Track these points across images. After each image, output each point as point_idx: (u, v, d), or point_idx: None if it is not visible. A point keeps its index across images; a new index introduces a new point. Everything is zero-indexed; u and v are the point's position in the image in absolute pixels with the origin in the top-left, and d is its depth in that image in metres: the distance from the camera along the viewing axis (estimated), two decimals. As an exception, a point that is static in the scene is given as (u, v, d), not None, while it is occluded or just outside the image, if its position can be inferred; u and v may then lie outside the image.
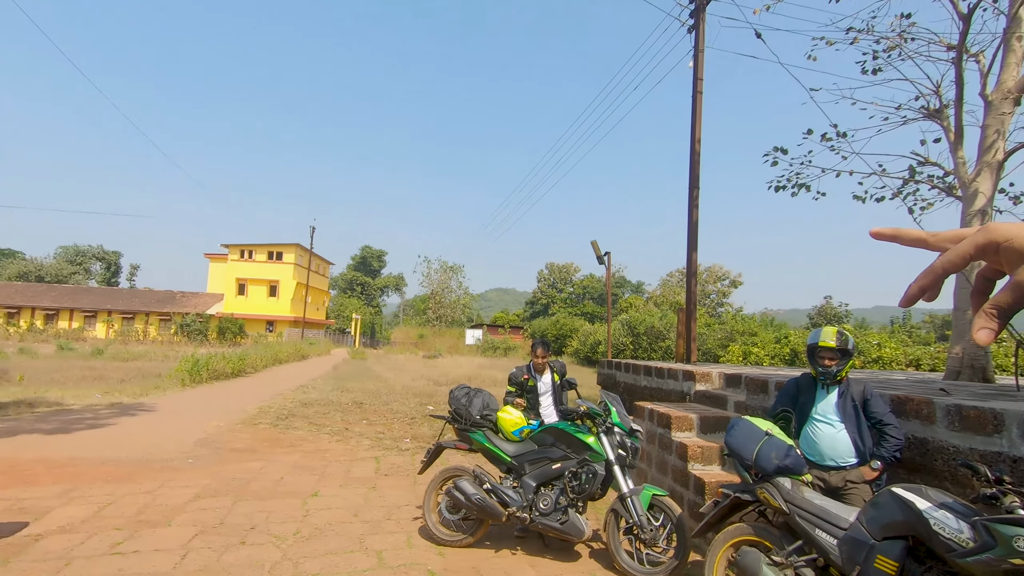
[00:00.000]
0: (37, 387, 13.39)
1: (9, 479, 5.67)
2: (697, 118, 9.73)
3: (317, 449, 7.73)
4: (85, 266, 67.37)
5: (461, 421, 4.58)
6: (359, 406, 11.92)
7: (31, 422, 8.94)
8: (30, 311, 44.86)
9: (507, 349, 42.65)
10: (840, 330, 3.52)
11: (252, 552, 4.11)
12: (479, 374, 20.43)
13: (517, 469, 4.40)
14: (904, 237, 0.60)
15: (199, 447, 7.55)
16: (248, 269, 48.13)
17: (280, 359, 25.75)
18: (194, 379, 15.83)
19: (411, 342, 54.08)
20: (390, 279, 76.95)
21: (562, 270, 79.91)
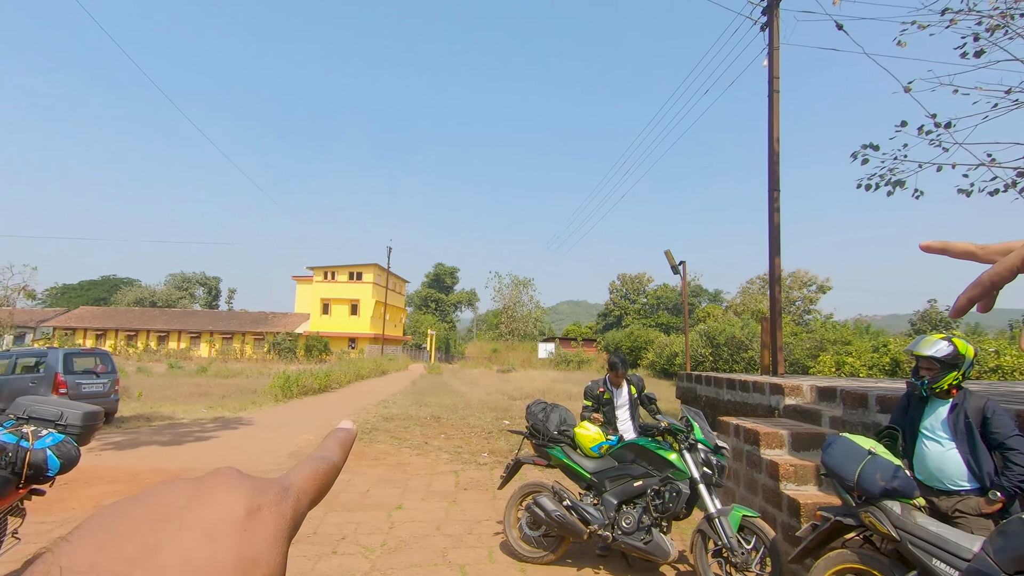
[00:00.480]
0: (153, 403, 14.79)
1: (131, 487, 6.27)
2: (775, 118, 9.30)
3: (399, 462, 7.98)
4: (190, 291, 73.83)
5: (539, 436, 4.57)
6: (437, 420, 12.20)
7: (148, 435, 9.87)
8: (146, 333, 49.67)
9: (580, 362, 42.21)
10: (944, 338, 3.17)
11: (343, 562, 4.30)
12: (553, 388, 20.33)
13: (597, 486, 4.32)
14: (953, 250, 0.59)
15: (291, 459, 8.01)
16: (331, 289, 50.86)
17: (362, 375, 26.89)
18: (286, 395, 16.86)
19: (485, 356, 54.80)
20: (463, 295, 78.57)
21: (635, 281, 78.31)
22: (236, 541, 0.26)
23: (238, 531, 0.26)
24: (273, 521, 0.28)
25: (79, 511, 5.33)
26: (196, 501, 0.27)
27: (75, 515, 5.21)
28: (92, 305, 62.17)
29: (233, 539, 0.26)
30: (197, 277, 75.42)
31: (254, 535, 0.27)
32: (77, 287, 74.02)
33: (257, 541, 0.26)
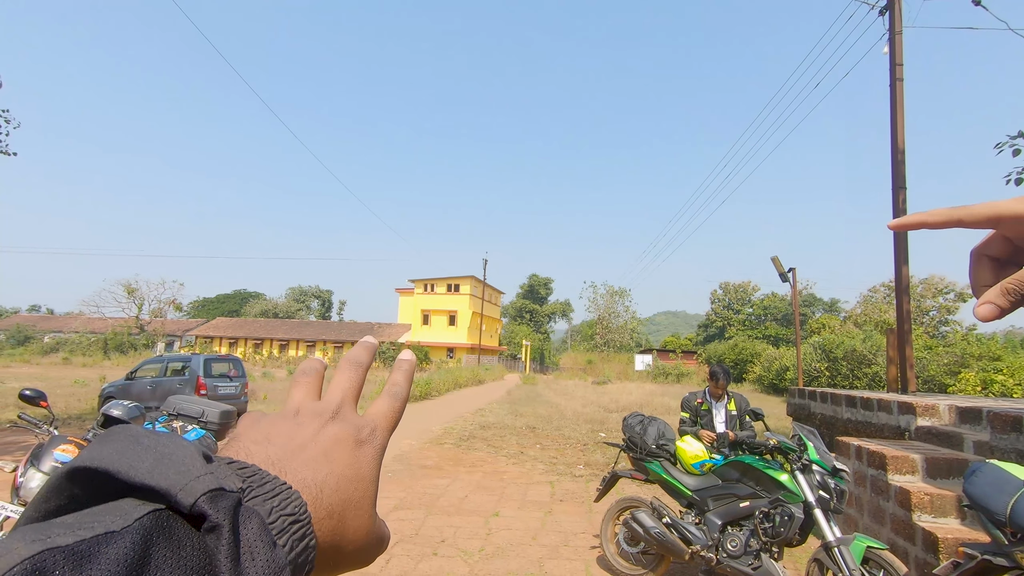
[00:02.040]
0: (276, 405, 16.22)
1: (258, 480, 6.91)
2: (898, 109, 8.44)
3: (495, 470, 8.12)
4: (307, 303, 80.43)
5: (636, 450, 4.46)
6: (532, 430, 12.27)
7: (272, 434, 10.83)
8: (270, 342, 54.73)
9: (680, 375, 40.53)
10: None
11: (443, 564, 4.44)
12: (650, 401, 19.70)
13: (699, 504, 4.13)
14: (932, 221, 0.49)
15: (395, 462, 8.42)
16: (430, 301, 53.10)
17: (460, 383, 27.71)
18: (390, 401, 17.77)
19: (579, 368, 54.30)
20: (557, 306, 78.63)
21: (738, 289, 74.13)
22: (348, 461, 0.36)
23: (350, 455, 0.36)
24: (371, 451, 0.38)
25: (216, 500, 5.97)
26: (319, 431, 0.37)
27: (213, 503, 5.84)
28: (226, 316, 69.61)
29: (346, 459, 0.36)
30: (312, 290, 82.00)
31: (359, 460, 0.37)
32: (214, 300, 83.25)
33: (361, 464, 0.37)
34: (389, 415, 0.41)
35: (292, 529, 0.29)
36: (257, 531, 0.26)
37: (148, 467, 0.26)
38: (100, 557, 0.21)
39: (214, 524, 0.25)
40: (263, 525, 0.27)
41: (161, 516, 0.24)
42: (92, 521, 0.23)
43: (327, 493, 0.33)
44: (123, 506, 0.24)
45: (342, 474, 0.35)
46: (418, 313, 52.92)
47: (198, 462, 0.28)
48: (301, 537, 0.29)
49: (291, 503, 0.30)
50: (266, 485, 0.30)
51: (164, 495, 0.25)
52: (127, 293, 52.40)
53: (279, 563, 0.27)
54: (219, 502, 0.26)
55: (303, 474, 0.33)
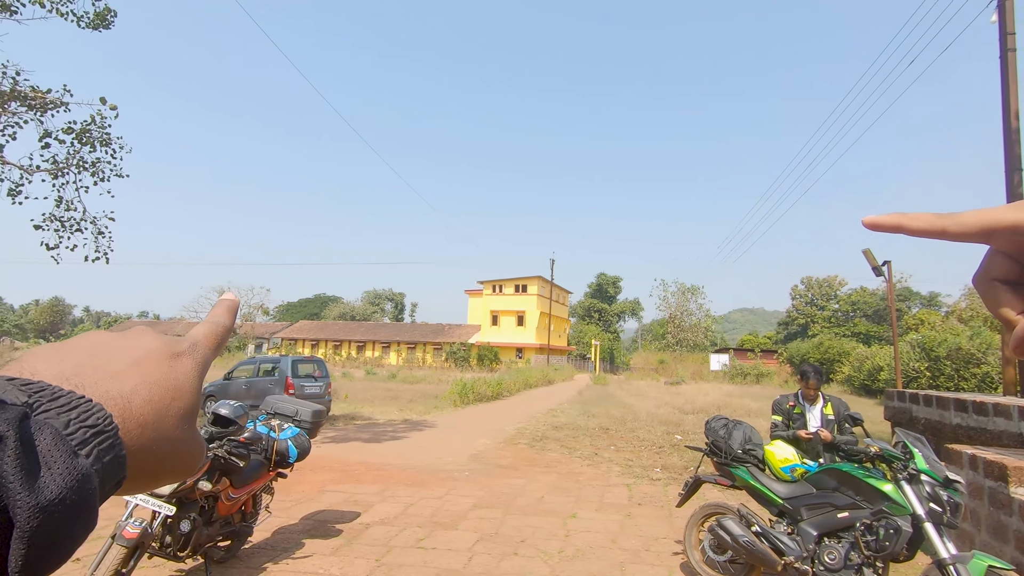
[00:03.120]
0: (356, 404, 17.00)
1: (344, 476, 7.27)
2: (1010, 83, 7.62)
3: (570, 471, 8.09)
4: (381, 306, 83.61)
5: (720, 454, 4.30)
6: (606, 431, 12.12)
7: (354, 432, 11.36)
8: (347, 343, 57.39)
9: (759, 375, 38.64)
10: None
11: (524, 564, 4.48)
12: (729, 402, 18.92)
13: (791, 513, 3.92)
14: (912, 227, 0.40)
15: (472, 461, 8.59)
16: (499, 302, 53.70)
17: (530, 384, 27.84)
18: (463, 400, 18.17)
19: (651, 368, 53.04)
20: (626, 304, 77.17)
21: (823, 284, 69.69)
22: (163, 372, 0.36)
23: (165, 365, 0.36)
24: (190, 363, 0.38)
25: (308, 493, 6.35)
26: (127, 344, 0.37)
27: (306, 495, 6.21)
28: (308, 319, 73.64)
29: (161, 370, 0.36)
30: (386, 293, 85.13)
31: (176, 370, 0.36)
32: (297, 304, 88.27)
33: (179, 375, 0.36)
34: (210, 335, 0.42)
35: (96, 440, 0.28)
36: (51, 441, 0.26)
37: None
38: None
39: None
40: (58, 435, 0.26)
41: None
42: None
43: (137, 404, 0.33)
44: None
45: (155, 383, 0.34)
46: (487, 314, 53.66)
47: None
48: (109, 448, 0.29)
49: (92, 415, 0.29)
50: (59, 399, 0.28)
51: None
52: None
53: (80, 470, 0.26)
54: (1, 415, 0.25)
55: (107, 387, 0.32)
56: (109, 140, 10.12)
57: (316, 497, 6.23)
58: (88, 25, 9.63)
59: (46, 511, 0.24)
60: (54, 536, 0.25)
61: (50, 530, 0.25)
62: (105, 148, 10.11)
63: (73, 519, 0.26)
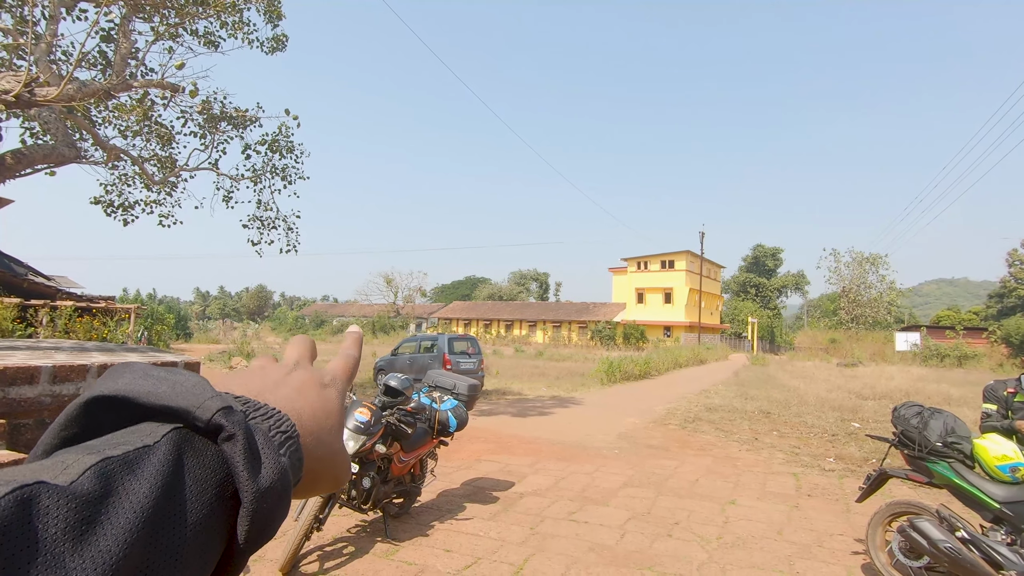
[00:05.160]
0: (506, 380, 17.79)
1: (498, 447, 7.67)
2: None
3: (727, 456, 7.65)
4: (526, 286, 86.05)
5: (913, 446, 3.73)
6: (767, 416, 11.23)
7: (504, 406, 11.91)
8: (496, 322, 60.15)
9: (962, 357, 32.77)
10: None
11: (678, 546, 4.36)
12: (921, 388, 16.37)
13: (1012, 521, 3.29)
14: None
15: (621, 440, 8.53)
16: (644, 279, 52.13)
17: (679, 363, 26.76)
18: (610, 379, 18.07)
19: (819, 347, 47.72)
20: (788, 278, 70.05)
21: (1053, 247, 56.51)
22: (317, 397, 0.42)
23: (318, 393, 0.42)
24: (334, 392, 0.44)
25: (466, 460, 6.82)
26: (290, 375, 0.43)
27: (464, 463, 6.69)
28: (460, 300, 78.49)
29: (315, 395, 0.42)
30: (531, 273, 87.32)
31: (326, 397, 0.42)
32: (450, 286, 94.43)
33: (328, 400, 0.42)
34: (344, 368, 0.48)
35: (288, 443, 0.34)
36: (264, 441, 0.32)
37: (165, 392, 0.31)
38: (146, 463, 0.27)
39: (230, 434, 0.30)
40: (267, 436, 0.33)
41: (182, 431, 0.30)
42: (125, 440, 0.28)
43: (306, 418, 0.39)
44: (145, 428, 0.30)
45: (315, 407, 0.41)
46: (632, 291, 52.45)
47: (207, 387, 0.32)
48: (296, 449, 0.35)
49: (284, 422, 0.35)
50: (260, 409, 0.35)
51: (183, 415, 0.30)
52: (386, 283, 62.94)
53: (283, 466, 0.32)
54: (231, 416, 0.31)
55: (284, 404, 0.38)
56: (293, 147, 11.63)
57: (474, 465, 6.66)
58: (269, 50, 11.09)
59: (264, 495, 0.30)
60: (267, 517, 0.31)
61: (265, 511, 0.31)
62: (290, 154, 11.66)
63: (278, 504, 0.32)
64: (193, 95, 8.60)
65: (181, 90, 8.52)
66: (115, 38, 8.28)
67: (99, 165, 9.44)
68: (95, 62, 8.99)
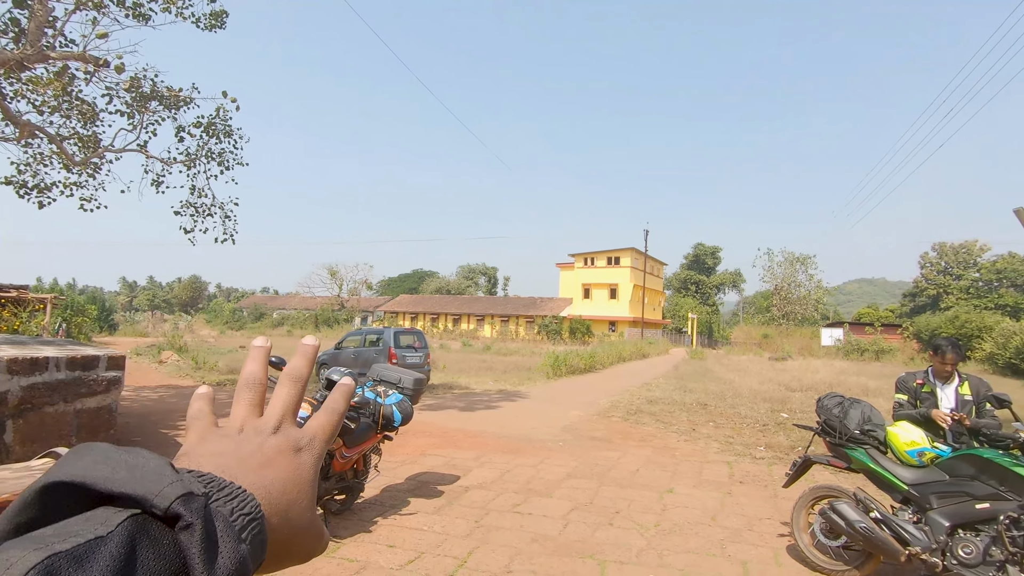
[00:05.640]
0: (453, 374, 17.72)
1: (443, 442, 7.64)
2: None
3: (666, 446, 7.93)
4: (474, 280, 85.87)
5: (834, 434, 3.99)
6: (704, 407, 11.71)
7: (451, 400, 11.87)
8: (444, 316, 59.75)
9: (879, 351, 35.32)
10: None
11: (619, 535, 4.48)
12: (843, 381, 17.51)
13: (918, 501, 3.57)
14: None
15: (565, 432, 8.67)
16: (591, 275, 53.14)
17: (623, 357, 27.46)
18: (555, 373, 18.33)
19: (753, 342, 50.22)
20: (726, 276, 73.22)
21: (959, 251, 61.76)
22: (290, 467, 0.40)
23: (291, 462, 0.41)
24: (309, 458, 0.42)
25: (411, 455, 6.75)
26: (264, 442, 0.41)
27: (409, 457, 6.62)
28: (407, 294, 77.45)
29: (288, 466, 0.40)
30: (480, 268, 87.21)
31: (299, 466, 0.41)
32: (397, 279, 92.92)
33: (301, 469, 0.41)
34: (326, 427, 0.46)
35: (251, 526, 0.33)
36: (223, 528, 0.31)
37: (124, 477, 0.30)
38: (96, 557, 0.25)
39: (188, 523, 0.29)
40: (227, 522, 0.31)
41: (139, 519, 0.29)
42: (77, 529, 0.27)
43: (274, 495, 0.38)
44: (100, 515, 0.28)
45: (285, 479, 0.39)
46: (579, 287, 53.36)
47: (168, 471, 0.31)
48: (258, 532, 0.34)
49: (248, 503, 0.34)
50: (224, 489, 0.34)
51: (140, 501, 0.29)
52: (330, 275, 61.26)
53: (242, 554, 0.31)
54: (191, 504, 0.30)
55: (252, 480, 0.37)
56: (231, 131, 11.08)
57: (419, 460, 6.61)
58: (206, 27, 10.49)
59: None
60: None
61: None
62: (228, 139, 11.10)
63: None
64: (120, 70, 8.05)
65: (106, 64, 7.95)
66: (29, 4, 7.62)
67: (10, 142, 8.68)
68: (6, 29, 8.24)
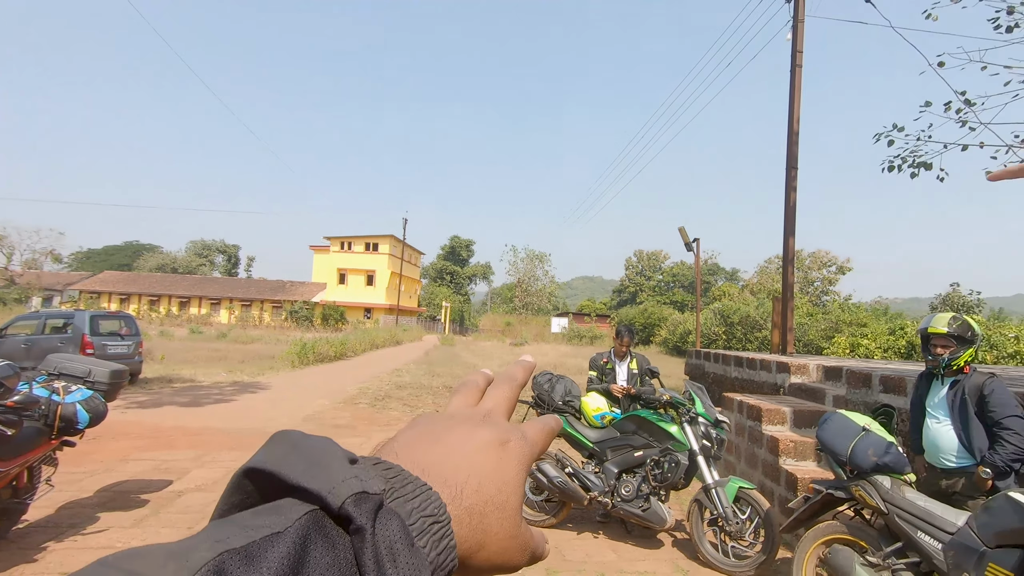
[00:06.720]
0: (174, 366, 15.26)
1: (154, 443, 6.57)
2: (796, 93, 9.09)
3: (410, 429, 8.22)
4: (210, 258, 75.06)
5: (543, 406, 4.70)
6: (448, 390, 12.45)
7: (170, 395, 10.24)
8: (167, 299, 50.81)
9: (593, 337, 42.38)
10: (956, 315, 3.18)
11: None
12: (564, 362, 20.52)
13: (599, 455, 4.46)
14: None
15: (307, 422, 8.29)
16: (347, 260, 51.36)
17: (377, 344, 27.34)
18: (302, 361, 17.28)
19: (498, 330, 55.19)
20: (478, 268, 78.76)
21: (651, 257, 77.77)
22: (492, 464, 0.37)
23: (495, 458, 0.37)
24: (518, 452, 0.39)
25: (106, 463, 5.63)
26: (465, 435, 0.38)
27: (104, 465, 5.50)
28: (116, 270, 63.55)
29: (490, 462, 0.37)
30: (217, 244, 76.57)
31: (503, 463, 0.37)
32: (101, 252, 75.67)
33: (506, 468, 0.37)
34: (542, 432, 0.43)
35: (432, 529, 0.30)
36: (397, 532, 0.28)
37: (302, 470, 0.29)
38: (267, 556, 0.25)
39: (359, 527, 0.27)
40: (403, 526, 0.28)
41: (316, 516, 0.27)
42: (260, 522, 0.26)
43: (468, 493, 0.34)
44: (284, 506, 0.28)
45: (484, 475, 0.35)
46: (334, 272, 51.09)
47: (344, 466, 0.30)
48: (440, 537, 0.31)
49: (431, 504, 0.31)
50: (408, 486, 0.31)
51: (316, 497, 0.28)
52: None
53: (419, 563, 0.28)
54: (363, 505, 0.27)
55: (446, 474, 0.34)
56: None
57: (117, 467, 5.55)
58: None
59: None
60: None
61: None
62: None
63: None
64: None
65: None
66: None
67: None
68: None
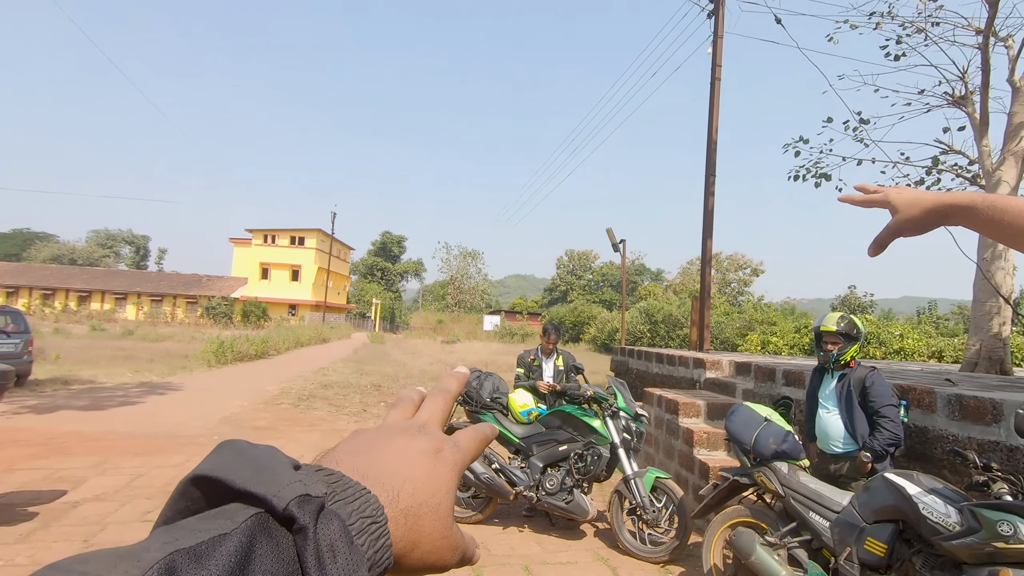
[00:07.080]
0: (71, 366, 13.98)
1: (47, 450, 6.01)
2: (714, 105, 9.63)
3: (335, 429, 7.99)
4: (115, 249, 69.28)
5: (472, 403, 4.72)
6: (377, 388, 12.20)
7: (66, 398, 9.39)
8: (64, 293, 46.40)
9: (524, 335, 42.86)
10: (844, 314, 3.52)
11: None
12: (495, 359, 20.65)
13: (525, 450, 4.54)
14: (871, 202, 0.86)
15: (223, 424, 7.86)
16: (271, 254, 49.02)
17: (302, 342, 26.32)
18: (219, 360, 16.34)
19: (430, 327, 54.63)
20: (410, 264, 77.53)
21: (581, 257, 79.64)
22: (427, 468, 0.39)
23: (429, 463, 0.39)
24: (450, 459, 0.41)
25: (-13, 475, 5.08)
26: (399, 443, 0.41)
27: (-17, 479, 4.97)
28: (2, 261, 57.25)
29: (425, 467, 0.39)
30: (123, 235, 70.81)
31: (437, 469, 0.39)
32: (-17, 240, 67.93)
33: (439, 473, 0.39)
34: (474, 442, 0.45)
35: (370, 529, 0.33)
36: (338, 532, 0.30)
37: (248, 476, 0.30)
38: (215, 554, 0.26)
39: (301, 526, 0.29)
40: (343, 526, 0.31)
41: (262, 518, 0.29)
42: (208, 524, 0.28)
43: (403, 497, 0.37)
44: (231, 510, 0.29)
45: (419, 480, 0.38)
46: (256, 266, 48.62)
47: (288, 471, 0.32)
48: (378, 536, 0.33)
49: (369, 506, 0.33)
50: (348, 490, 0.33)
51: (262, 500, 0.30)
52: None
53: (358, 559, 0.31)
54: (305, 507, 0.30)
55: (383, 479, 0.37)
56: None
57: (2, 478, 5.03)
58: None
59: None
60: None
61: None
62: None
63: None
64: None
65: None
66: None
67: None
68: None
